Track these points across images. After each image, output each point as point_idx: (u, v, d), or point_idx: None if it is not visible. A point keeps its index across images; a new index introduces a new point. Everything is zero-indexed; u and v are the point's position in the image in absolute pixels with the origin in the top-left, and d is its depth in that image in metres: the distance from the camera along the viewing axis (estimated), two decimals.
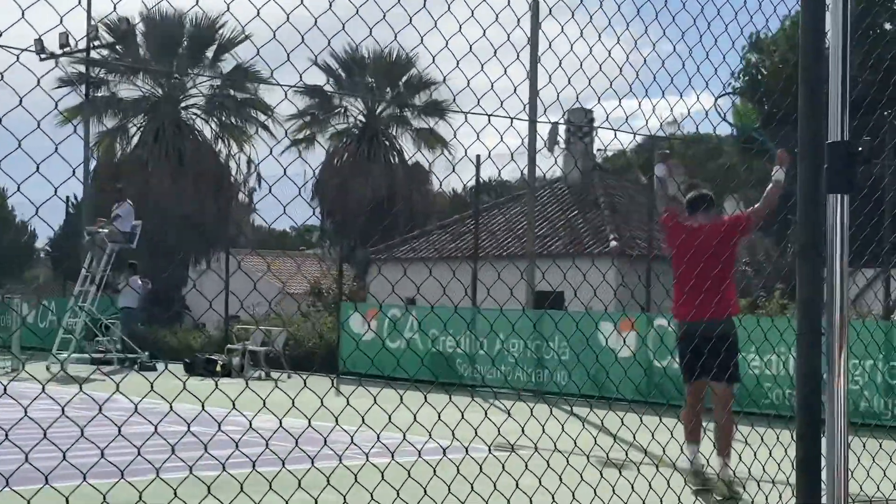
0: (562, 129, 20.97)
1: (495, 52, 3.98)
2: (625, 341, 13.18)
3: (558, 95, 4.19)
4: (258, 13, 3.47)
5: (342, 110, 35.78)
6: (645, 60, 4.42)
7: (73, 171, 3.32)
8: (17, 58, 3.06)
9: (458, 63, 3.81)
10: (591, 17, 4.23)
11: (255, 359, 19.57)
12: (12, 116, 3.07)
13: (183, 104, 34.29)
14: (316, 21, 3.60)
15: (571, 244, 25.01)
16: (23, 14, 2.92)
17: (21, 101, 3.00)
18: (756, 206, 8.00)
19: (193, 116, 34.49)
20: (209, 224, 31.77)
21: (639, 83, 4.37)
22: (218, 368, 18.73)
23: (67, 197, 30.29)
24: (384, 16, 3.78)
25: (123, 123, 33.83)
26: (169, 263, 29.75)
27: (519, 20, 4.02)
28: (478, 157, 18.14)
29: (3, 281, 42.55)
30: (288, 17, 3.48)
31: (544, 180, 28.86)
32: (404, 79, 35.20)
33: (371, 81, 35.56)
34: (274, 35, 3.41)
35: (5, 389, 3.13)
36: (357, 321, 18.58)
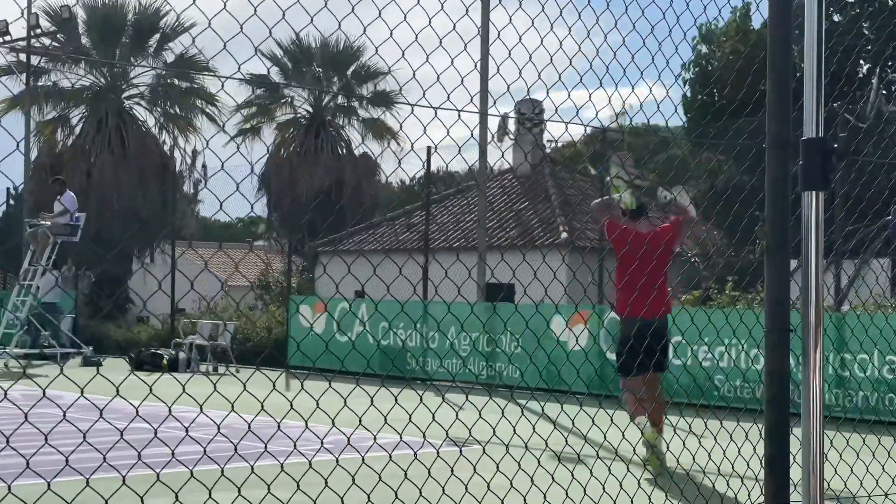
0: (511, 120, 20.95)
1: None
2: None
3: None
4: (224, 6, 3.38)
5: (289, 100, 35.43)
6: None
7: (27, 172, 3.21)
8: None
9: (429, 56, 3.73)
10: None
11: (203, 353, 19.33)
12: None
13: (126, 94, 33.74)
14: (284, 13, 3.51)
15: (521, 237, 25.03)
16: None
17: None
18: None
19: (137, 106, 33.97)
20: (153, 216, 31.31)
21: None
22: (164, 363, 18.47)
23: (7, 189, 29.62)
24: (352, 9, 3.70)
25: (65, 113, 33.21)
26: (113, 256, 29.26)
27: (486, 11, 3.95)
28: (428, 148, 17.84)
29: None
30: (255, 10, 3.39)
31: (494, 172, 28.86)
32: (352, 68, 34.92)
33: (318, 71, 35.22)
34: (241, 30, 3.32)
35: None
36: (306, 314, 18.41)
